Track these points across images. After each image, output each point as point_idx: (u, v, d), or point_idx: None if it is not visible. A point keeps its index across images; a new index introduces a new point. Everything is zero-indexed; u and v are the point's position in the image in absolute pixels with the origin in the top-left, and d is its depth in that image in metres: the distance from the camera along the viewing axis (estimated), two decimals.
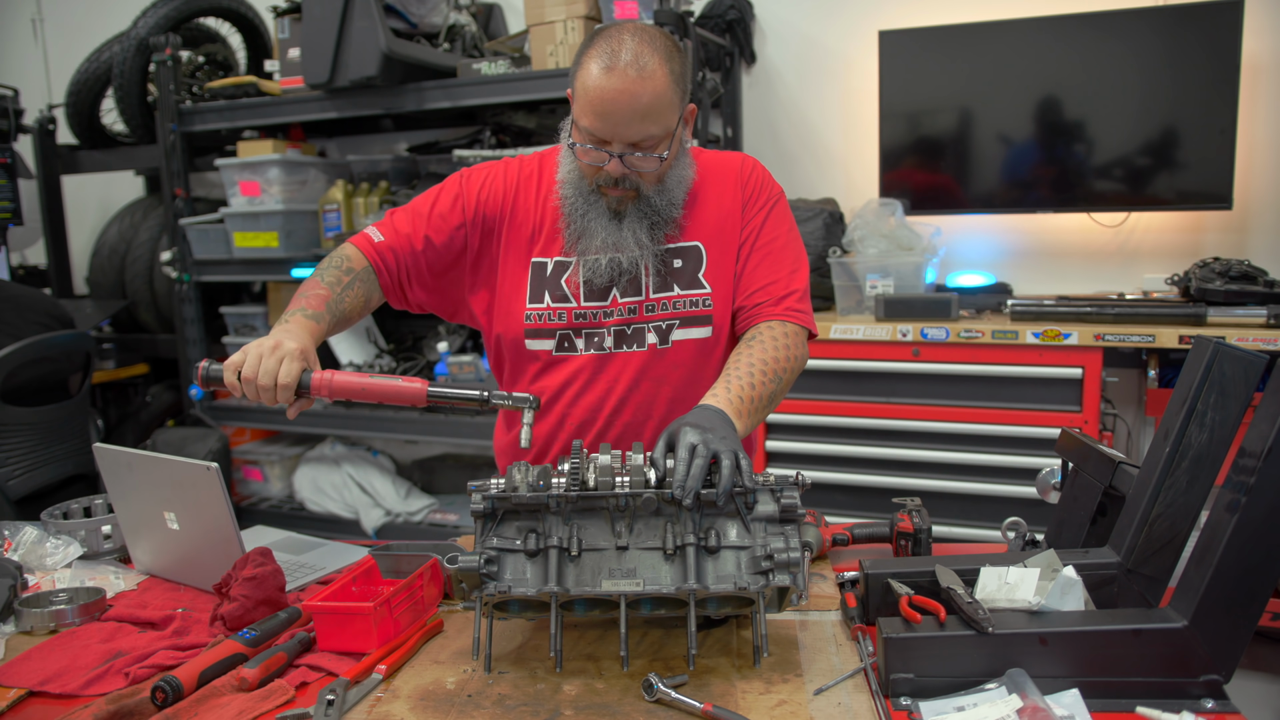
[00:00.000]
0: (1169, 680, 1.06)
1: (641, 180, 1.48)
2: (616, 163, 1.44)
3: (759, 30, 3.54)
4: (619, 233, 1.51)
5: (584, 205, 1.52)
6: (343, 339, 3.74)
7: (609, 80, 1.39)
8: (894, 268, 3.06)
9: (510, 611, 1.21)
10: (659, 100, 1.41)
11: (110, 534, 1.70)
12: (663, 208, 1.53)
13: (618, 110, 1.40)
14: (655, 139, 1.44)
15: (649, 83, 1.39)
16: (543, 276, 1.57)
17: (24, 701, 1.20)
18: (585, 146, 1.46)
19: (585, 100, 1.42)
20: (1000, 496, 2.85)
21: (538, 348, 1.58)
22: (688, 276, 1.57)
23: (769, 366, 1.46)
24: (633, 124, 1.41)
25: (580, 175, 1.52)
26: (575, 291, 1.56)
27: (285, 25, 3.50)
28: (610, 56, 1.39)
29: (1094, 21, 3.03)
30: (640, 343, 1.57)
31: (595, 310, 1.56)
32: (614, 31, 1.44)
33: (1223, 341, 1.12)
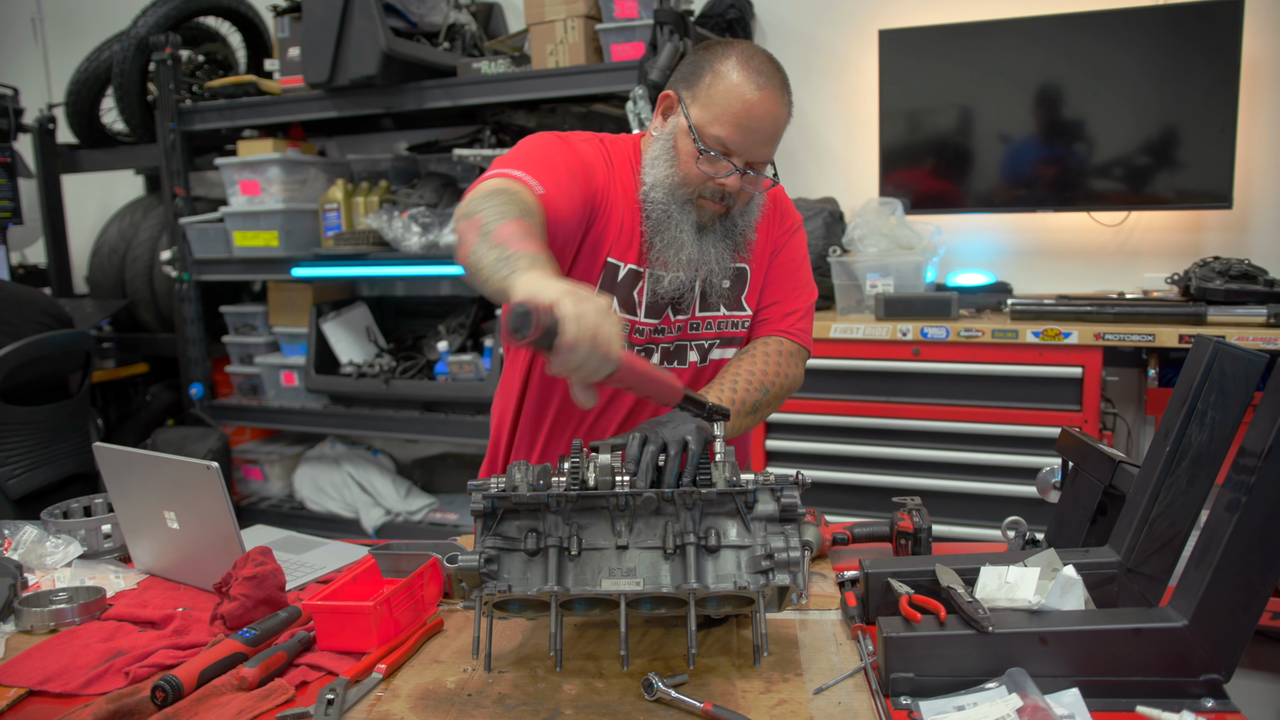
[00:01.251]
0: (1169, 679, 1.06)
1: (739, 199, 1.48)
2: (737, 177, 1.44)
3: (759, 29, 3.54)
4: (700, 249, 1.49)
5: (678, 215, 1.47)
6: (343, 339, 3.75)
7: (759, 96, 1.39)
8: (894, 267, 3.06)
9: (510, 611, 1.21)
10: (785, 127, 1.46)
11: (110, 533, 1.70)
12: (742, 229, 1.53)
13: (762, 128, 1.41)
14: (769, 163, 1.48)
15: (786, 109, 1.44)
16: (614, 281, 1.51)
17: (24, 701, 1.20)
18: (710, 154, 1.42)
19: (725, 109, 1.40)
20: (1000, 496, 2.85)
21: None
22: (733, 298, 1.59)
23: (755, 378, 1.50)
24: (767, 144, 1.43)
25: (679, 182, 1.46)
26: (640, 305, 1.53)
27: (285, 24, 3.50)
28: (760, 75, 1.40)
29: (1094, 21, 3.03)
30: (683, 360, 1.58)
31: (650, 327, 1.54)
32: (747, 47, 1.44)
33: (1223, 341, 1.12)
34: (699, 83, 1.43)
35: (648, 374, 1.14)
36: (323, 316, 3.74)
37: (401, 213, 3.38)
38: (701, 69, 1.44)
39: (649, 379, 1.15)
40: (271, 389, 3.91)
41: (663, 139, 1.49)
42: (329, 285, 3.95)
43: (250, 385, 3.98)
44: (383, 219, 3.39)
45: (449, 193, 3.51)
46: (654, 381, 1.16)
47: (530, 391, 1.62)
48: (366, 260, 3.48)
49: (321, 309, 3.76)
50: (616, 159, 1.53)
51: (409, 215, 3.34)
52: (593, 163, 1.48)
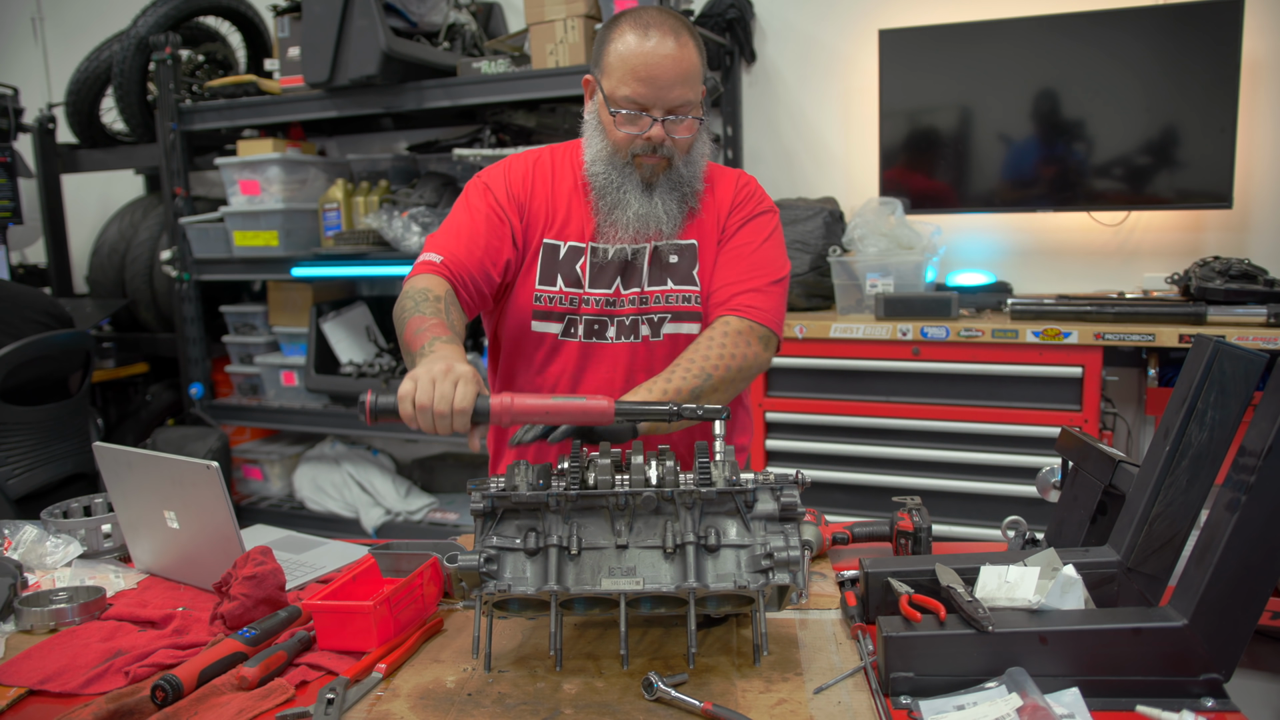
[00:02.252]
0: (1169, 679, 1.06)
1: (675, 148, 1.54)
2: (658, 127, 1.50)
3: (759, 29, 3.54)
4: (650, 203, 1.55)
5: (619, 178, 1.56)
6: (343, 338, 3.75)
7: (649, 44, 1.47)
8: (894, 267, 3.06)
9: (510, 610, 1.21)
10: (694, 66, 1.51)
11: (110, 533, 1.70)
12: (689, 178, 1.58)
13: (662, 73, 1.47)
14: (690, 104, 1.51)
15: (685, 49, 1.49)
16: (555, 259, 1.60)
17: (24, 700, 1.20)
18: (625, 114, 1.50)
19: (626, 68, 1.48)
20: (1000, 495, 2.85)
21: (544, 330, 1.61)
22: (682, 273, 1.62)
23: (694, 365, 1.48)
24: (674, 87, 1.49)
25: (613, 150, 1.56)
26: (584, 277, 1.59)
27: (285, 24, 3.50)
28: (646, 27, 1.48)
29: (1094, 20, 3.03)
30: (635, 334, 1.61)
31: (601, 297, 1.59)
32: (637, 10, 1.52)
33: (1223, 340, 1.12)
34: (602, 57, 1.54)
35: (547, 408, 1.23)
36: (323, 316, 3.74)
37: (401, 212, 3.38)
38: (602, 45, 1.54)
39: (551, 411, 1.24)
40: (271, 389, 3.91)
41: (590, 118, 1.61)
42: (329, 285, 3.95)
43: (250, 385, 3.98)
44: (383, 219, 3.39)
45: (449, 192, 3.51)
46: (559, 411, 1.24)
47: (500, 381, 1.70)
48: (366, 260, 3.48)
49: (321, 309, 3.76)
50: (537, 163, 1.65)
51: (409, 215, 3.34)
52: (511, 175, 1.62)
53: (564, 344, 1.61)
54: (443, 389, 1.20)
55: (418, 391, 1.20)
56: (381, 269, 3.52)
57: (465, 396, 1.20)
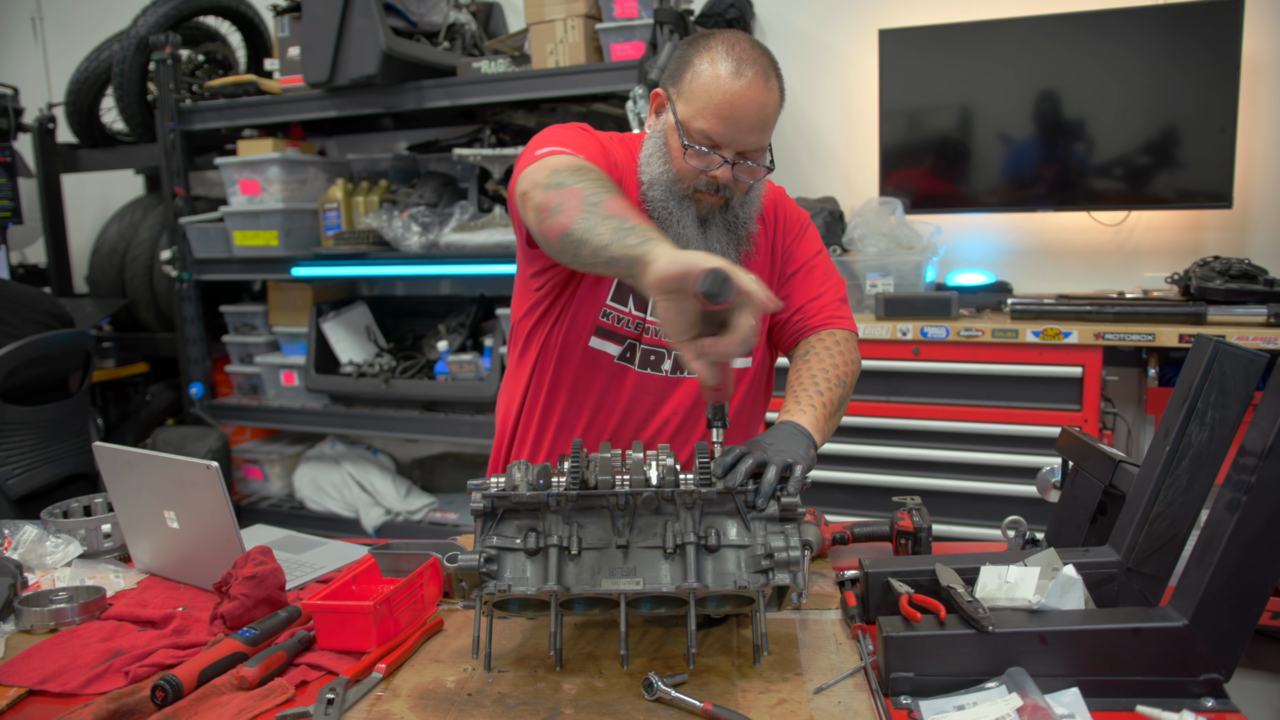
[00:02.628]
0: (1169, 679, 1.06)
1: (736, 189, 1.47)
2: (727, 169, 1.42)
3: (759, 29, 3.54)
4: (705, 242, 1.48)
5: (678, 210, 1.47)
6: (342, 338, 3.75)
7: (739, 85, 1.38)
8: (894, 266, 3.06)
9: (510, 610, 1.21)
10: (775, 112, 1.43)
11: (110, 533, 1.70)
12: (744, 220, 1.51)
13: (745, 117, 1.39)
14: (762, 150, 1.45)
15: (772, 94, 1.41)
16: None
17: (24, 700, 1.20)
18: (697, 149, 1.42)
19: (707, 101, 1.39)
20: (1000, 495, 2.85)
21: (601, 348, 1.55)
22: None
23: (831, 374, 1.50)
24: (754, 132, 1.41)
25: (674, 179, 1.47)
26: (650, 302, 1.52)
27: (285, 24, 3.50)
28: (741, 63, 1.39)
29: (1094, 20, 3.03)
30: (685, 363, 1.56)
31: (656, 326, 1.54)
32: (729, 37, 1.42)
33: (1223, 340, 1.12)
34: (682, 78, 1.44)
35: None
36: (323, 316, 3.74)
37: (401, 212, 3.38)
38: (684, 64, 1.44)
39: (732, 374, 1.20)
40: (271, 388, 3.91)
41: (655, 137, 1.50)
42: (329, 285, 3.95)
43: (250, 385, 3.98)
44: (382, 218, 3.39)
45: (449, 192, 3.52)
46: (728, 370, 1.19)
47: (533, 391, 1.62)
48: (366, 260, 3.48)
49: (321, 308, 3.76)
50: (620, 159, 1.54)
51: (409, 215, 3.34)
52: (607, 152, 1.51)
53: (620, 368, 1.55)
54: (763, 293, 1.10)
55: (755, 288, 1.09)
56: (381, 269, 3.52)
57: None
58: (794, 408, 1.44)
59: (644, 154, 1.52)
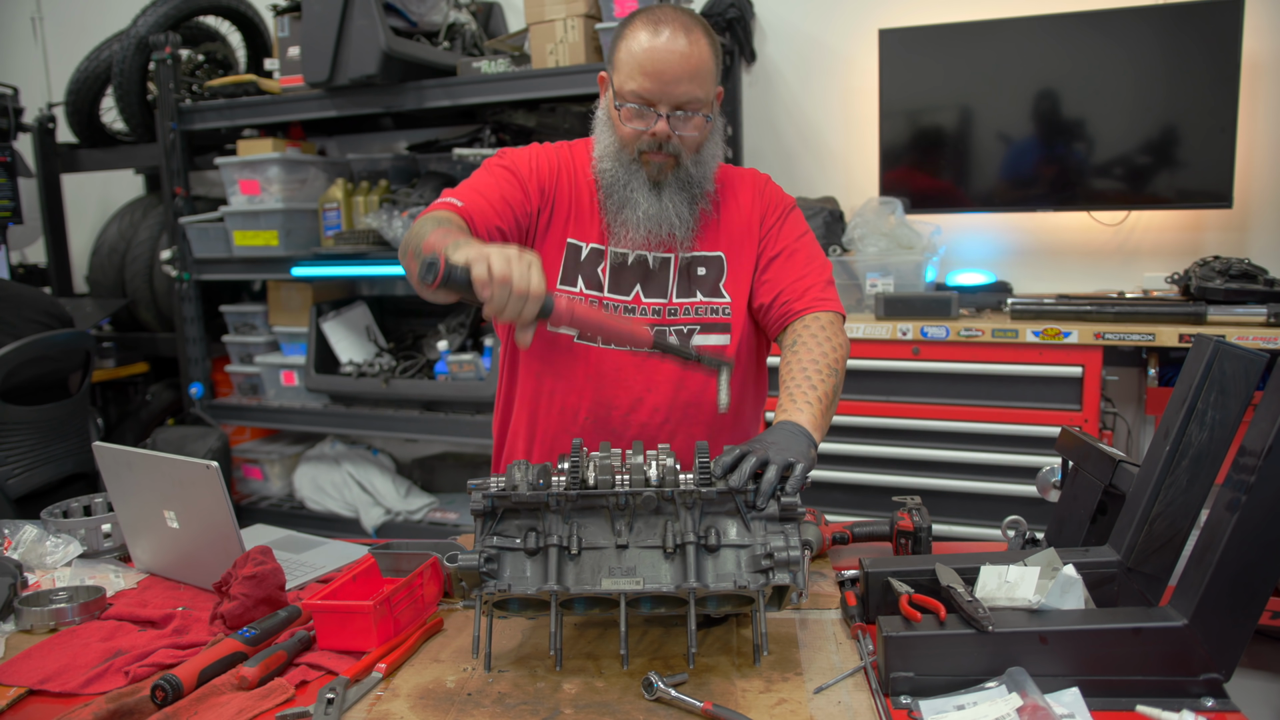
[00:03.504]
0: (1169, 679, 1.06)
1: (682, 146, 1.51)
2: (664, 122, 1.48)
3: (759, 29, 3.54)
4: (659, 203, 1.53)
5: (625, 175, 1.54)
6: (342, 337, 3.74)
7: (659, 40, 1.45)
8: (894, 266, 3.06)
9: (510, 610, 1.21)
10: (704, 64, 1.48)
11: (110, 533, 1.70)
12: (699, 179, 1.56)
13: (668, 69, 1.45)
14: (699, 102, 1.49)
15: (696, 46, 1.47)
16: (577, 260, 1.58)
17: (24, 700, 1.20)
18: (631, 108, 1.49)
19: (634, 63, 1.47)
20: (1000, 495, 2.85)
21: (564, 332, 1.58)
22: (710, 284, 1.60)
23: (821, 364, 1.49)
24: (681, 83, 1.46)
25: (620, 147, 1.54)
26: (604, 280, 1.57)
27: (285, 24, 3.50)
28: (658, 23, 1.47)
29: (1094, 20, 3.03)
30: None
31: (620, 304, 1.57)
32: (654, 8, 1.51)
33: (1223, 340, 1.12)
34: (614, 53, 1.52)
35: (601, 319, 1.27)
36: (323, 316, 3.74)
37: (401, 212, 3.37)
38: (614, 41, 1.53)
39: (604, 324, 1.27)
40: (271, 388, 3.91)
41: (600, 114, 1.59)
42: (329, 284, 3.95)
43: (250, 385, 3.97)
44: (382, 218, 3.39)
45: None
46: (609, 326, 1.27)
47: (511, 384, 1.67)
48: (366, 259, 3.47)
49: (321, 308, 3.76)
50: (560, 156, 1.62)
51: (409, 214, 3.34)
52: (539, 159, 1.60)
53: (584, 348, 1.57)
54: (520, 268, 1.15)
55: (493, 262, 1.13)
56: (381, 269, 3.52)
57: (540, 284, 1.16)
58: (790, 406, 1.43)
59: (595, 133, 1.60)
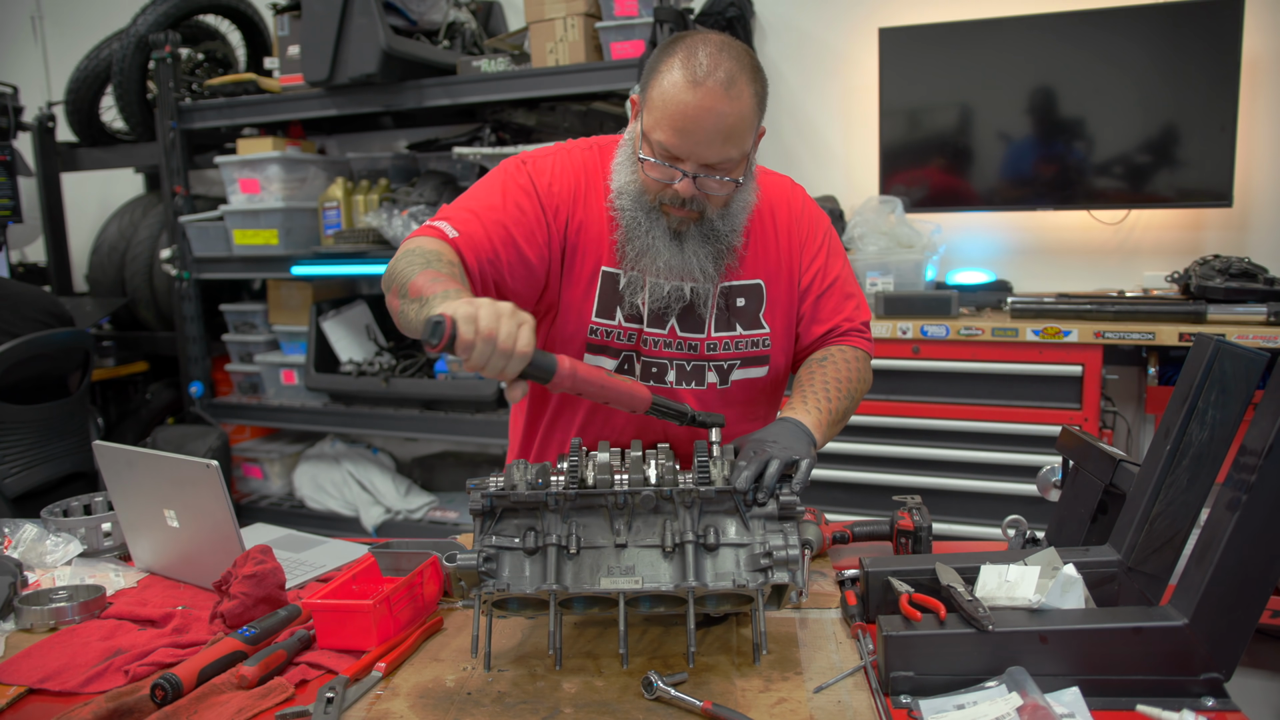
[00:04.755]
0: (1169, 678, 1.06)
1: (708, 203, 1.39)
2: (688, 183, 1.34)
3: (759, 28, 3.54)
4: (681, 256, 1.41)
5: (646, 222, 1.41)
6: (343, 337, 3.74)
7: (695, 95, 1.28)
8: (894, 265, 3.06)
9: (509, 609, 1.21)
10: (743, 122, 1.32)
11: (110, 531, 1.70)
12: (725, 233, 1.43)
13: (701, 129, 1.30)
14: (732, 162, 1.35)
15: (736, 103, 1.30)
16: (614, 289, 1.46)
17: (24, 699, 1.20)
18: (655, 161, 1.35)
19: (664, 112, 1.31)
20: (1000, 494, 2.85)
21: (595, 364, 1.48)
22: (749, 316, 1.51)
23: (842, 385, 1.48)
24: (714, 145, 1.31)
25: (641, 189, 1.41)
26: (644, 311, 1.47)
27: (285, 22, 3.50)
28: (699, 69, 1.29)
29: (1094, 19, 3.03)
30: (700, 380, 1.51)
31: (656, 337, 1.48)
32: (699, 40, 1.33)
33: (1223, 339, 1.12)
34: (649, 85, 1.36)
35: (600, 381, 1.19)
36: (322, 315, 3.74)
37: (401, 211, 3.37)
38: (652, 70, 1.36)
39: (603, 385, 1.20)
40: (271, 387, 3.91)
41: (627, 144, 1.45)
42: (329, 283, 3.95)
43: (250, 383, 3.97)
44: (382, 217, 3.39)
45: (449, 191, 3.51)
46: (610, 388, 1.21)
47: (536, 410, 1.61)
48: (366, 258, 3.47)
49: (321, 307, 3.75)
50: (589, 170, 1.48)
51: (409, 213, 3.34)
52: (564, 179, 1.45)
53: None
54: (508, 326, 1.07)
55: (481, 318, 1.06)
56: (381, 268, 3.50)
57: (528, 340, 1.08)
58: (800, 407, 1.42)
59: (616, 160, 1.47)
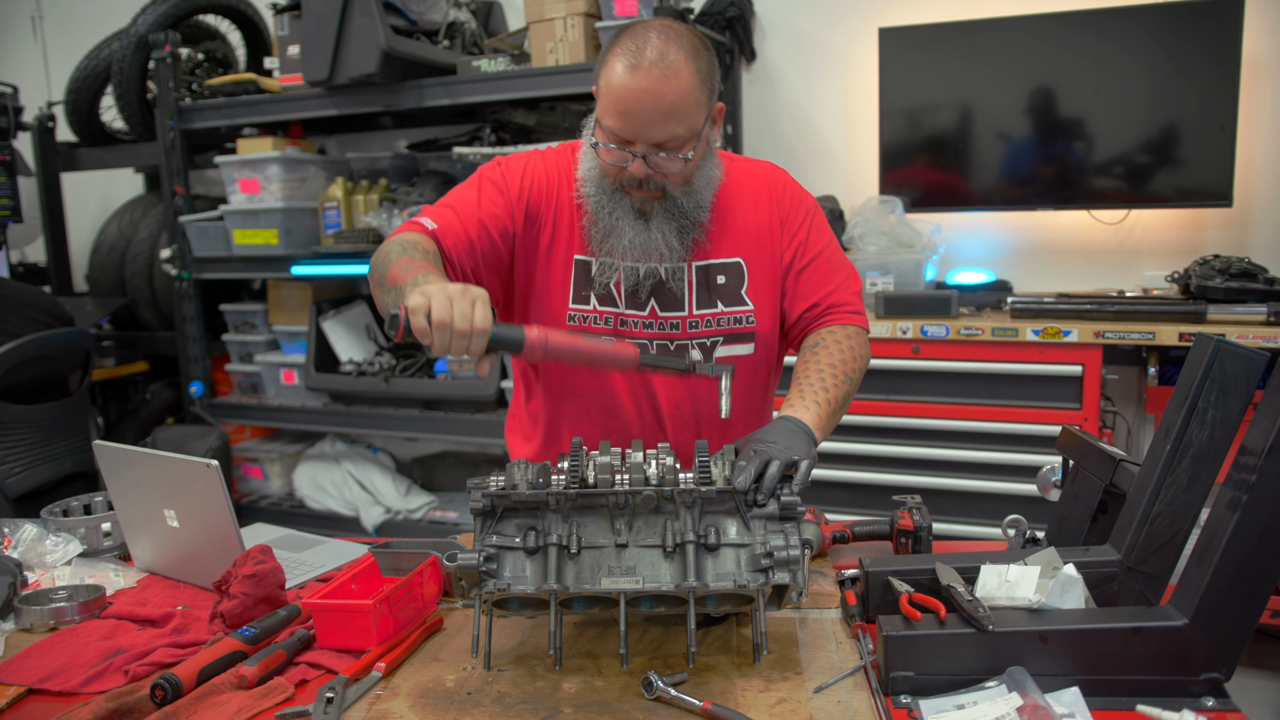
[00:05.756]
0: (1169, 678, 1.06)
1: (667, 181, 1.44)
2: (640, 164, 1.40)
3: (759, 27, 3.54)
4: (647, 234, 1.46)
5: (609, 204, 1.47)
6: (342, 337, 3.75)
7: (633, 78, 1.34)
8: (894, 265, 3.06)
9: (510, 609, 1.21)
10: (684, 99, 1.37)
11: (110, 531, 1.70)
12: (690, 210, 1.48)
13: (641, 110, 1.35)
14: (680, 139, 1.39)
15: (674, 81, 1.35)
16: (587, 276, 1.52)
17: (24, 699, 1.20)
18: (608, 146, 1.41)
19: (609, 99, 1.37)
20: (1000, 494, 2.85)
21: None
22: (730, 293, 1.54)
23: (839, 370, 1.48)
24: (656, 124, 1.37)
25: (603, 174, 1.47)
26: (619, 295, 1.52)
27: (285, 22, 3.50)
28: (635, 54, 1.35)
29: (1094, 18, 3.02)
30: None
31: (636, 318, 1.52)
32: (640, 29, 1.39)
33: (1224, 339, 1.12)
34: (597, 75, 1.42)
35: (579, 345, 1.23)
36: (322, 315, 3.74)
37: (401, 211, 3.37)
38: (600, 60, 1.42)
39: (583, 349, 1.23)
40: (271, 387, 3.91)
41: (588, 132, 1.50)
42: (329, 283, 3.95)
43: (250, 383, 3.97)
44: (382, 217, 3.39)
45: (448, 190, 3.51)
46: (589, 351, 1.23)
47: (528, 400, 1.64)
48: (366, 258, 3.47)
49: (321, 307, 3.76)
50: (561, 166, 1.54)
51: (409, 213, 3.34)
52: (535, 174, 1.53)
53: None
54: (462, 307, 1.13)
55: (433, 306, 1.12)
56: None
57: (485, 316, 1.14)
58: (798, 403, 1.42)
59: (581, 150, 1.53)
